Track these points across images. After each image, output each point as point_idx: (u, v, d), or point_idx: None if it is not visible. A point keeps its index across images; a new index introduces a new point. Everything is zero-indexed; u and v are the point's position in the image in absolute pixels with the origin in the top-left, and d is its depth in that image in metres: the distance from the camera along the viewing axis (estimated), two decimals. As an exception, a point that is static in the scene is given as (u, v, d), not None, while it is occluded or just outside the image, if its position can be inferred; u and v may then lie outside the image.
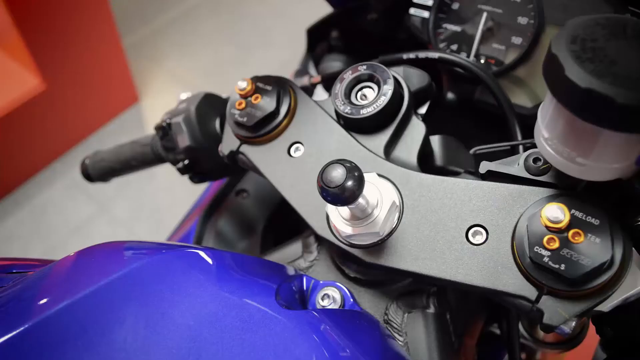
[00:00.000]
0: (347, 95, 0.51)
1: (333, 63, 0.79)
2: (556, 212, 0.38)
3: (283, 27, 2.66)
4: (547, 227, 0.38)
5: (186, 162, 0.65)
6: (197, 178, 0.69)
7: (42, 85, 2.03)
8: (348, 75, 0.51)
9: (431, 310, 0.50)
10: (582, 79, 0.31)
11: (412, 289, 0.51)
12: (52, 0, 1.92)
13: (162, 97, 2.51)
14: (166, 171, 0.81)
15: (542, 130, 0.38)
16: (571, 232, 0.38)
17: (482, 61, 0.64)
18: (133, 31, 2.77)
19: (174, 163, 0.67)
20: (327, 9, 0.80)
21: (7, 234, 2.11)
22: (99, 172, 0.78)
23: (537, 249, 0.39)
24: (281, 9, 2.74)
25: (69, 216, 2.16)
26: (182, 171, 0.66)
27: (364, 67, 0.51)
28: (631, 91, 0.31)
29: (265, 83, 0.55)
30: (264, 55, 2.58)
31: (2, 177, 2.15)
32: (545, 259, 0.38)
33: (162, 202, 2.19)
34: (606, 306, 0.40)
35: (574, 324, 0.39)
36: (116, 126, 2.43)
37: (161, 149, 0.68)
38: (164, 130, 0.65)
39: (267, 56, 2.57)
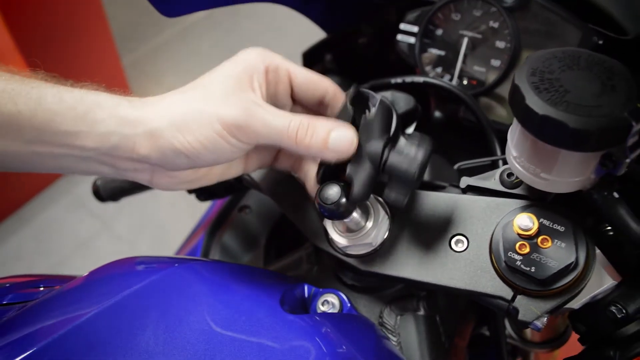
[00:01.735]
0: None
1: (328, 85, 0.84)
2: (526, 221, 0.43)
3: (278, 44, 2.72)
4: (519, 234, 0.44)
5: (193, 181, 0.70)
6: (203, 196, 0.74)
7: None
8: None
9: (422, 312, 0.55)
10: (539, 107, 0.37)
11: (404, 293, 0.56)
12: (53, 22, 1.96)
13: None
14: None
15: (511, 150, 0.43)
16: (540, 238, 0.43)
17: (465, 82, 0.69)
18: (132, 50, 2.82)
19: (182, 183, 0.72)
20: (321, 30, 0.85)
21: (12, 253, 2.15)
22: (110, 192, 0.83)
23: (510, 254, 0.44)
24: (277, 25, 2.80)
25: (72, 234, 2.19)
26: (189, 190, 0.71)
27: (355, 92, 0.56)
28: (582, 117, 0.36)
29: None
30: (260, 71, 2.63)
31: (6, 196, 2.19)
32: (518, 263, 0.43)
33: (164, 220, 2.24)
34: (576, 304, 0.45)
35: (545, 319, 0.44)
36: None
37: (170, 169, 0.73)
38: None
39: (263, 72, 2.62)
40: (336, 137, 0.44)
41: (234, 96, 0.44)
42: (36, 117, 0.41)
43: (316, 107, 0.51)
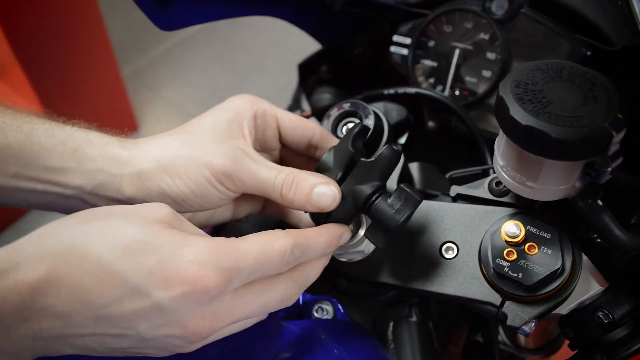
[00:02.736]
0: (334, 129, 0.58)
1: (323, 95, 0.86)
2: (513, 229, 0.44)
3: (277, 55, 2.73)
4: (506, 241, 0.45)
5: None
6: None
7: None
8: (334, 112, 0.58)
9: (414, 319, 0.56)
10: (523, 117, 0.38)
11: (397, 300, 0.57)
12: (52, 34, 1.97)
13: (160, 125, 2.57)
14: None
15: (498, 159, 0.45)
16: (527, 245, 0.44)
17: (457, 92, 0.71)
18: (131, 61, 2.84)
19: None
20: (317, 42, 0.87)
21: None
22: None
23: (498, 260, 0.45)
24: (275, 37, 2.82)
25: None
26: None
27: (348, 104, 0.57)
28: (563, 127, 0.37)
29: None
30: (258, 82, 2.65)
31: (3, 208, 2.18)
32: (506, 269, 0.44)
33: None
34: (564, 310, 0.46)
35: (533, 324, 0.45)
36: (117, 154, 2.49)
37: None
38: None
39: (261, 83, 2.64)
40: (319, 194, 0.44)
41: (223, 144, 0.45)
42: (24, 150, 0.42)
43: (304, 149, 0.53)
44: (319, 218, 0.46)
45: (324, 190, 0.44)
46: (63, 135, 0.43)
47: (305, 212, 0.47)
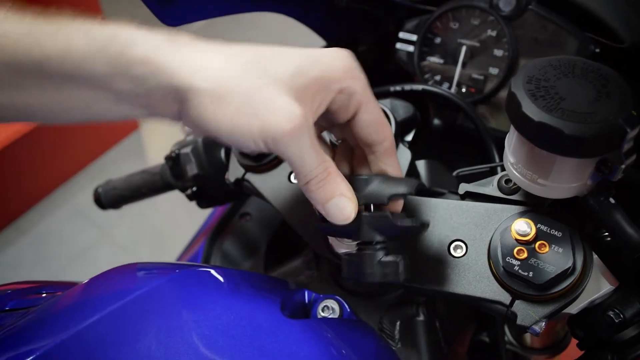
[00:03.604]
0: None
1: (327, 93, 0.85)
2: (524, 227, 0.44)
3: (278, 53, 2.72)
4: (516, 239, 0.44)
5: (194, 189, 0.71)
6: (204, 203, 0.74)
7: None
8: (340, 109, 0.57)
9: (421, 318, 0.56)
10: (535, 114, 0.37)
11: (404, 299, 0.56)
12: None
13: (161, 124, 2.56)
14: (167, 197, 0.86)
15: (509, 156, 0.44)
16: (537, 243, 0.44)
17: (464, 90, 0.70)
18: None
19: (183, 190, 0.73)
20: (320, 39, 0.86)
21: (11, 262, 2.15)
22: (111, 199, 0.84)
23: (508, 259, 0.44)
24: (277, 35, 2.81)
25: (71, 243, 2.19)
26: (191, 197, 0.72)
27: None
28: (576, 123, 0.37)
29: None
30: (260, 80, 2.64)
31: (4, 205, 2.19)
32: (516, 268, 0.44)
33: (163, 227, 2.24)
34: (574, 309, 0.45)
35: (544, 324, 0.44)
36: (117, 153, 2.49)
37: (170, 177, 0.74)
38: (174, 160, 0.71)
39: (263, 81, 2.62)
40: (334, 204, 0.42)
41: (290, 104, 0.39)
42: (66, 61, 0.39)
43: (357, 146, 0.48)
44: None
45: (341, 204, 0.42)
46: (103, 40, 0.39)
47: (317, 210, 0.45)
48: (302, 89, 0.39)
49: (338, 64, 0.42)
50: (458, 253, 0.48)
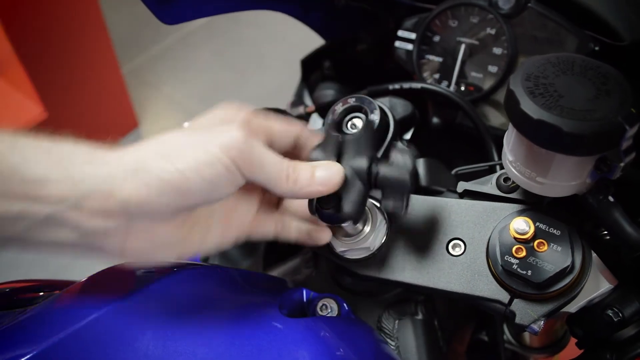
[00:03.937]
0: (339, 124, 0.57)
1: (326, 91, 0.85)
2: (522, 225, 0.44)
3: (278, 51, 2.72)
4: (515, 238, 0.44)
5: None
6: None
7: (43, 114, 2.08)
8: (339, 107, 0.57)
9: (420, 317, 0.56)
10: (534, 111, 0.37)
11: (402, 298, 0.56)
12: (53, 31, 1.97)
13: (160, 122, 2.56)
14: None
15: (507, 154, 0.44)
16: (536, 242, 0.44)
17: (463, 88, 0.70)
18: (132, 58, 2.83)
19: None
20: (319, 37, 0.86)
21: (10, 262, 2.14)
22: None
23: (507, 257, 0.44)
24: (276, 33, 2.81)
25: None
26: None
27: (353, 99, 0.56)
28: (575, 121, 0.36)
29: None
30: (260, 79, 2.64)
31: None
32: (515, 267, 0.44)
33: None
34: (573, 308, 0.45)
35: (542, 323, 0.44)
36: (117, 152, 2.48)
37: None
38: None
39: (263, 80, 2.63)
40: (321, 172, 0.43)
41: (228, 131, 0.41)
42: (6, 161, 0.37)
43: (291, 151, 0.49)
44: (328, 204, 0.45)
45: (326, 166, 0.43)
46: (48, 144, 0.39)
47: (312, 199, 0.45)
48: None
49: (230, 106, 0.46)
50: (457, 251, 0.48)
